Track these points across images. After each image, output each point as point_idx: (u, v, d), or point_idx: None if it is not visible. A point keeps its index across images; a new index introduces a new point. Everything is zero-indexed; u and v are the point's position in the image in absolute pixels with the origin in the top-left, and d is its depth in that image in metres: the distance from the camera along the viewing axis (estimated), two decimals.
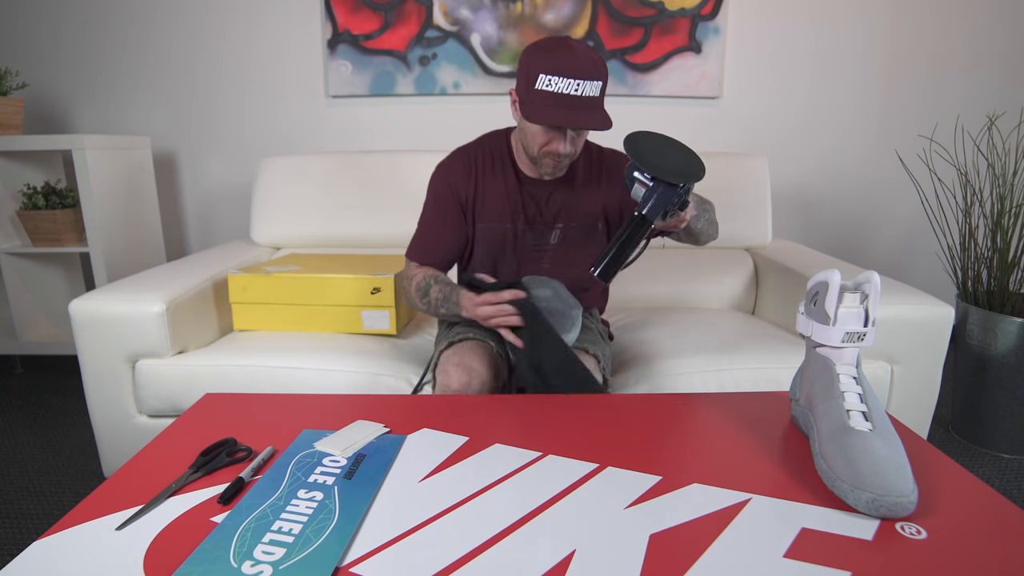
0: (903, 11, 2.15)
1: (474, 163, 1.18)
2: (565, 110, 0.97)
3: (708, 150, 2.23)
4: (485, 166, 1.18)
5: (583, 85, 0.96)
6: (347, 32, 2.15)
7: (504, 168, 1.17)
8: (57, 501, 1.41)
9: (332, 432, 0.78)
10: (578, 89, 0.96)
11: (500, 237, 1.19)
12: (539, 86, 0.97)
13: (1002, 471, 1.56)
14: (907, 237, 2.35)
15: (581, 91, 0.96)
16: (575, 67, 0.96)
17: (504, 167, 1.17)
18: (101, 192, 1.93)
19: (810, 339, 0.76)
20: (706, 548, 0.56)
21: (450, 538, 0.58)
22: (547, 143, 1.05)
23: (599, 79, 0.98)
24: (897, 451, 0.64)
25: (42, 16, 2.22)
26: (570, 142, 1.04)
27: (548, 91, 0.97)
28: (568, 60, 0.96)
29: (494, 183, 1.17)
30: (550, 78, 0.96)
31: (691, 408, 0.87)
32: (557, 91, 0.96)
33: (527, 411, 0.86)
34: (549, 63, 0.96)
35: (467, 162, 1.18)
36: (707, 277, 1.77)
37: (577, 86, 0.95)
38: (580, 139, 1.06)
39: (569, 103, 0.97)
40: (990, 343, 1.59)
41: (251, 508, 0.61)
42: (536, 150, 1.07)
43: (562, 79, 0.95)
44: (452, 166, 1.19)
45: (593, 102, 0.98)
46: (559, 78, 0.95)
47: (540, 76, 0.97)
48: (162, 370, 1.29)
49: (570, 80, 0.95)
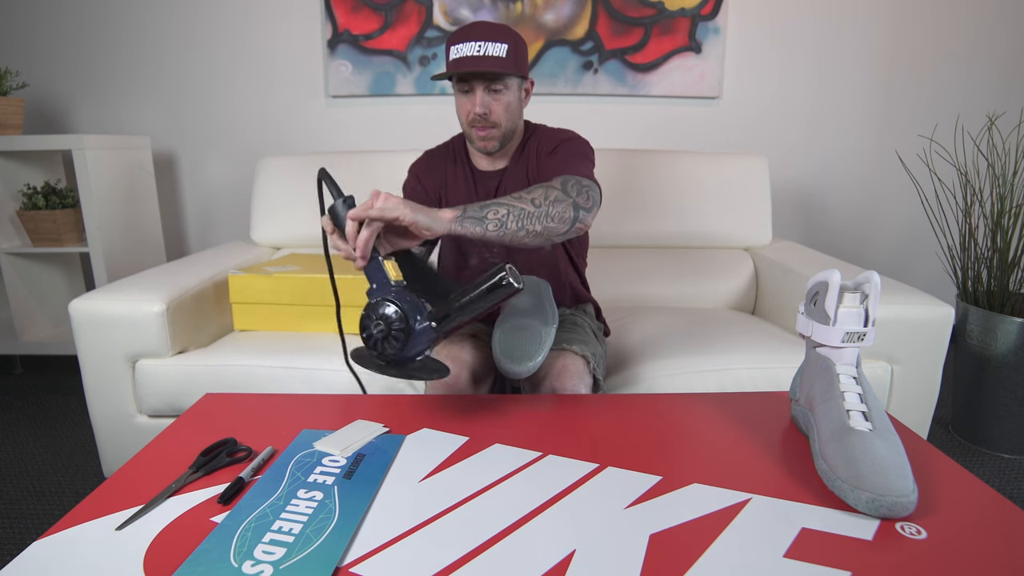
0: (903, 11, 2.15)
1: (437, 161, 1.26)
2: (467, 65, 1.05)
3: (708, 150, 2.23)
4: (447, 162, 1.25)
5: (485, 46, 1.05)
6: (347, 32, 2.15)
7: (460, 163, 1.24)
8: (57, 501, 1.41)
9: (331, 432, 0.78)
10: (480, 50, 1.05)
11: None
12: (451, 56, 1.08)
13: (1002, 471, 1.56)
14: (907, 237, 2.35)
15: (483, 51, 1.05)
16: (477, 32, 1.06)
17: (460, 162, 1.24)
18: (101, 192, 1.93)
19: (810, 339, 0.76)
20: (706, 548, 0.56)
21: (450, 538, 0.58)
22: (468, 110, 1.10)
23: (504, 42, 1.06)
24: (897, 451, 0.64)
25: (42, 16, 2.22)
26: (483, 104, 1.08)
27: (456, 57, 1.07)
28: (472, 29, 1.07)
29: (451, 179, 1.24)
30: (457, 46, 1.07)
31: (691, 408, 0.87)
32: (462, 55, 1.06)
33: (527, 411, 0.86)
34: (456, 35, 1.08)
35: (431, 161, 1.27)
36: (707, 277, 1.77)
37: (479, 47, 1.05)
38: (497, 104, 1.10)
39: (474, 62, 1.05)
40: (990, 343, 1.59)
41: (251, 508, 0.61)
42: (464, 123, 1.14)
43: (464, 43, 1.06)
44: (419, 164, 1.28)
45: (496, 61, 1.06)
46: (463, 43, 1.06)
47: (451, 48, 1.08)
48: (162, 370, 1.29)
49: (472, 43, 1.05)
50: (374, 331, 0.77)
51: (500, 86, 1.09)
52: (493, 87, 1.08)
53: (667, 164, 1.83)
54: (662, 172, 1.83)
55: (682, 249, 1.85)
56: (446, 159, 1.25)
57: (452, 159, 1.25)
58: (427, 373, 0.79)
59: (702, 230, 1.83)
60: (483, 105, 1.08)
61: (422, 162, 1.27)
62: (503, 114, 1.11)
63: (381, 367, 0.79)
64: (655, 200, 1.81)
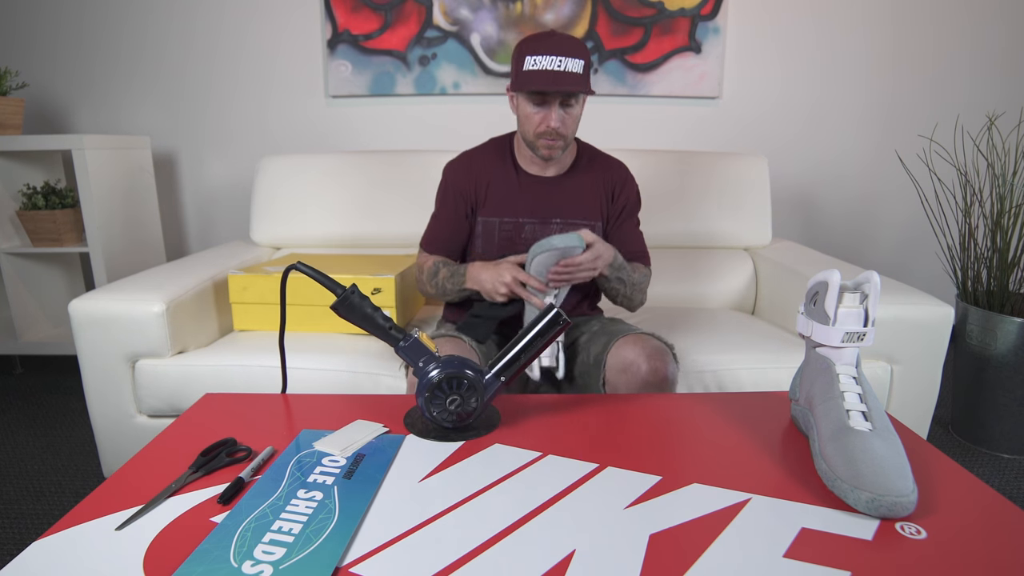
0: (903, 11, 2.15)
1: (477, 162, 1.27)
2: (550, 81, 1.08)
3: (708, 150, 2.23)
4: (487, 163, 1.26)
5: (565, 62, 1.08)
6: (347, 32, 2.15)
7: (505, 164, 1.26)
8: (57, 501, 1.41)
9: (331, 432, 0.78)
10: (560, 65, 1.07)
11: (501, 230, 1.25)
12: (526, 67, 1.10)
13: (1002, 471, 1.56)
14: (907, 237, 2.35)
15: (563, 67, 1.08)
16: (557, 46, 1.08)
17: (505, 163, 1.26)
18: (101, 192, 1.93)
19: (810, 339, 0.76)
20: (706, 548, 0.56)
21: (450, 538, 0.58)
22: (539, 122, 1.13)
23: (581, 58, 1.09)
24: (897, 451, 0.64)
25: (42, 16, 2.22)
26: (558, 119, 1.12)
27: (534, 69, 1.09)
28: (550, 40, 1.09)
29: (496, 178, 1.25)
30: (535, 58, 1.08)
31: (691, 408, 0.87)
32: (541, 68, 1.08)
33: (527, 411, 0.86)
34: (533, 45, 1.10)
35: (470, 161, 1.28)
36: (707, 277, 1.77)
37: (559, 62, 1.07)
38: (570, 119, 1.14)
39: (555, 77, 1.08)
40: (990, 343, 1.59)
41: (251, 508, 0.61)
42: (531, 132, 1.15)
43: (545, 57, 1.08)
44: (457, 164, 1.29)
45: (576, 77, 1.09)
46: (542, 56, 1.08)
47: (527, 58, 1.09)
48: (162, 370, 1.29)
49: (552, 57, 1.07)
50: (450, 406, 0.77)
51: (573, 101, 1.12)
52: (568, 102, 1.12)
53: (667, 164, 1.84)
54: (662, 172, 1.83)
55: (682, 249, 1.85)
56: (491, 158, 1.27)
57: (493, 161, 1.27)
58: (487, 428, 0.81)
59: (702, 230, 1.83)
60: (559, 120, 1.12)
61: (460, 166, 1.28)
62: (572, 126, 1.15)
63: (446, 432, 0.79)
64: (655, 200, 1.81)
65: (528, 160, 1.25)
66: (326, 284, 0.77)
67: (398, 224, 1.81)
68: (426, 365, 0.78)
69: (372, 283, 1.41)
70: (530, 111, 1.13)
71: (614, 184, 1.28)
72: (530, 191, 1.25)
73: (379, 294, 1.42)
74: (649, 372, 1.04)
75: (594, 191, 1.26)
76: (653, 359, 1.05)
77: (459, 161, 1.29)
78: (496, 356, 0.82)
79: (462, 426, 0.79)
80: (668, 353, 1.08)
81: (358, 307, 0.78)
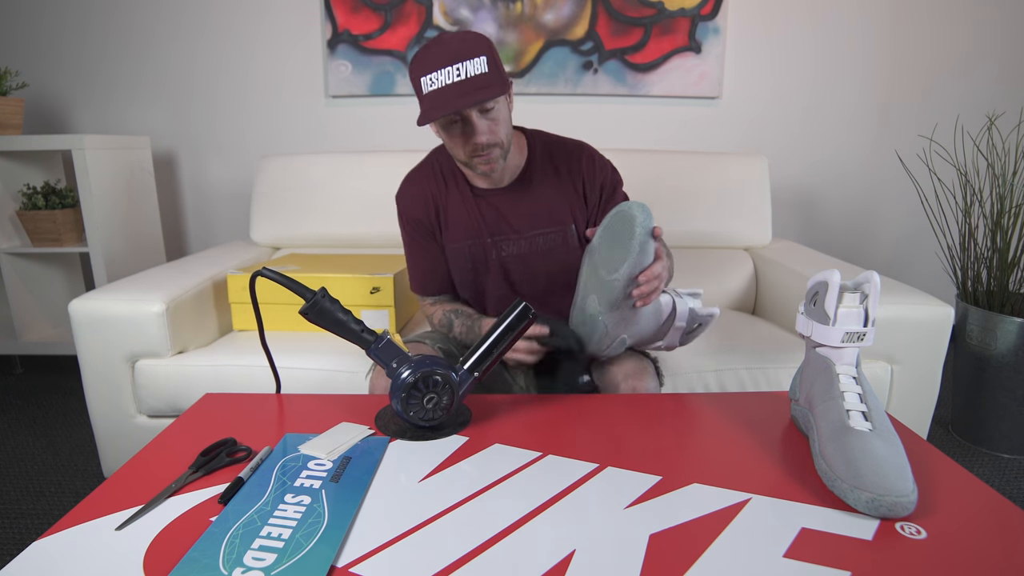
0: (903, 11, 2.15)
1: (425, 189, 1.14)
2: (455, 97, 0.92)
3: (708, 150, 2.23)
4: (439, 186, 1.13)
5: (464, 67, 0.92)
6: (347, 32, 2.15)
7: (457, 184, 1.13)
8: (57, 501, 1.41)
9: (316, 435, 0.78)
10: (459, 72, 0.92)
11: (469, 255, 1.14)
12: (425, 90, 0.94)
13: (1002, 471, 1.56)
14: (907, 237, 2.35)
15: (464, 72, 0.92)
16: (447, 54, 0.92)
17: (457, 183, 1.13)
18: (101, 192, 1.93)
19: (810, 339, 0.76)
20: (706, 548, 0.56)
21: (449, 538, 0.58)
22: (465, 143, 0.99)
23: (479, 55, 0.93)
24: (897, 451, 0.64)
25: (42, 16, 2.22)
26: (484, 130, 0.97)
27: (434, 90, 0.93)
28: (438, 51, 0.93)
29: (451, 203, 1.13)
30: (429, 76, 0.93)
31: (691, 408, 0.87)
32: (441, 85, 0.92)
33: (527, 411, 0.86)
34: (422, 63, 0.94)
35: (418, 191, 1.15)
36: (707, 277, 1.77)
37: (458, 70, 0.92)
38: (496, 124, 0.98)
39: (459, 89, 0.92)
40: (990, 343, 1.59)
41: (238, 514, 0.61)
42: (463, 156, 1.01)
43: (440, 71, 0.92)
44: (404, 197, 1.16)
45: (483, 79, 0.93)
46: (437, 71, 0.92)
47: (422, 80, 0.94)
48: (162, 370, 1.29)
49: (448, 68, 0.92)
50: (427, 404, 0.77)
51: (492, 104, 0.96)
52: (485, 107, 0.96)
53: (667, 164, 1.83)
54: (662, 172, 1.83)
55: (682, 249, 1.85)
56: (437, 180, 1.14)
57: (443, 183, 1.13)
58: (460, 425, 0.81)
59: (702, 230, 1.83)
60: (485, 132, 0.97)
61: (410, 196, 1.15)
62: (503, 130, 1.00)
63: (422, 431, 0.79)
64: (655, 200, 1.81)
65: (475, 176, 1.10)
66: (294, 289, 0.76)
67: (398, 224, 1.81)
68: (399, 366, 0.77)
69: (370, 282, 1.41)
70: (449, 134, 0.99)
71: (580, 177, 1.12)
72: (489, 208, 1.11)
73: (378, 293, 1.42)
74: (627, 391, 1.01)
75: (559, 191, 1.12)
76: (631, 378, 1.01)
77: (405, 192, 1.16)
78: (468, 352, 0.82)
79: (436, 424, 0.79)
80: (648, 370, 1.04)
81: (328, 311, 0.76)
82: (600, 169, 1.13)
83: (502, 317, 0.83)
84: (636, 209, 0.89)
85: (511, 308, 0.83)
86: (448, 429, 0.80)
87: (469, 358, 0.81)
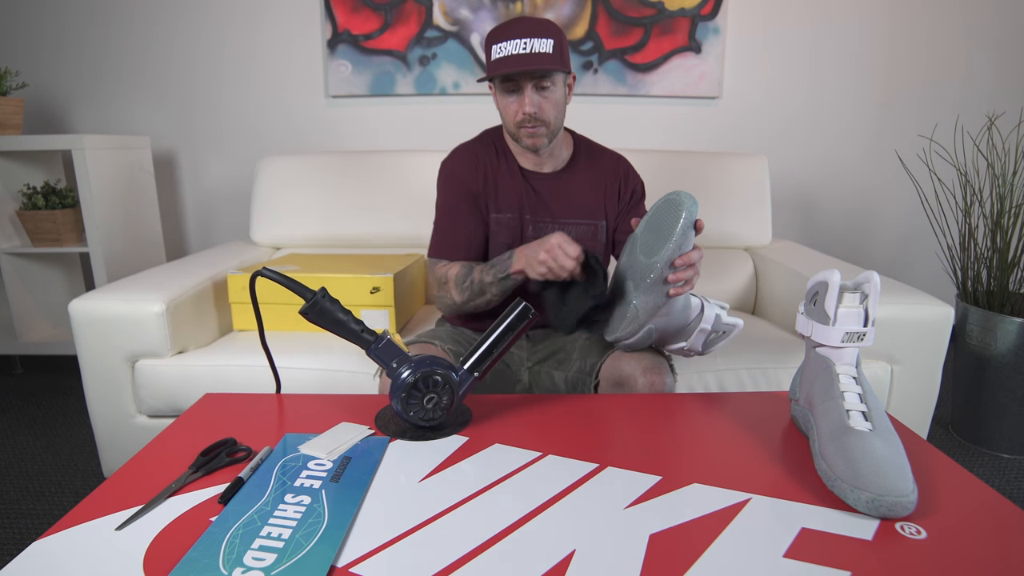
0: (903, 11, 2.15)
1: (478, 156, 1.19)
2: (515, 64, 1.04)
3: (708, 150, 2.23)
4: (489, 157, 1.19)
5: (531, 43, 1.03)
6: (347, 32, 2.15)
7: (507, 160, 1.20)
8: (57, 501, 1.41)
9: (316, 435, 0.78)
10: (526, 47, 1.03)
11: (511, 228, 1.19)
12: (493, 56, 1.06)
13: (1002, 471, 1.56)
14: (907, 237, 2.35)
15: (530, 48, 1.03)
16: (520, 29, 1.04)
17: (507, 159, 1.20)
18: (101, 192, 1.93)
19: (810, 339, 0.76)
20: (706, 548, 0.56)
21: (449, 538, 0.58)
22: (516, 110, 1.09)
23: (548, 37, 1.04)
24: (897, 451, 0.64)
25: (43, 16, 2.22)
26: (533, 103, 1.07)
27: (500, 56, 1.05)
28: (514, 25, 1.05)
29: (501, 174, 1.19)
30: (500, 45, 1.05)
31: (691, 408, 0.87)
32: (507, 54, 1.04)
33: (527, 411, 0.86)
34: (499, 33, 1.06)
35: (471, 155, 1.20)
36: (707, 277, 1.77)
37: (525, 44, 1.03)
38: (547, 103, 1.08)
39: (521, 60, 1.03)
40: (990, 343, 1.59)
41: (238, 514, 0.61)
42: (511, 122, 1.11)
43: (510, 41, 1.04)
44: (457, 159, 1.20)
45: (544, 57, 1.04)
46: (507, 41, 1.04)
47: (493, 47, 1.06)
48: (162, 370, 1.29)
49: (517, 40, 1.03)
50: (427, 404, 0.77)
51: (548, 83, 1.07)
52: (542, 84, 1.06)
53: (667, 164, 1.83)
54: (662, 172, 1.83)
55: None
56: (488, 155, 1.19)
57: (495, 156, 1.20)
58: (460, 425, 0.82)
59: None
60: (534, 104, 1.06)
61: (462, 161, 1.19)
62: (552, 111, 1.09)
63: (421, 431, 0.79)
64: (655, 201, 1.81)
65: (522, 155, 1.19)
66: (294, 289, 0.76)
67: (398, 224, 1.81)
68: (399, 366, 0.77)
69: (370, 282, 1.42)
70: (505, 100, 1.09)
71: (618, 179, 1.22)
72: (531, 189, 1.19)
73: (378, 293, 1.42)
74: (646, 386, 1.01)
75: (595, 189, 1.20)
76: (650, 373, 1.02)
77: (459, 155, 1.21)
78: (468, 352, 0.83)
79: (436, 424, 0.79)
80: (665, 366, 1.05)
81: (328, 311, 0.76)
82: (635, 179, 1.25)
83: (502, 317, 0.83)
84: (684, 197, 0.92)
85: (511, 308, 0.83)
86: (448, 429, 0.80)
87: (469, 358, 0.82)
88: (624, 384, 1.04)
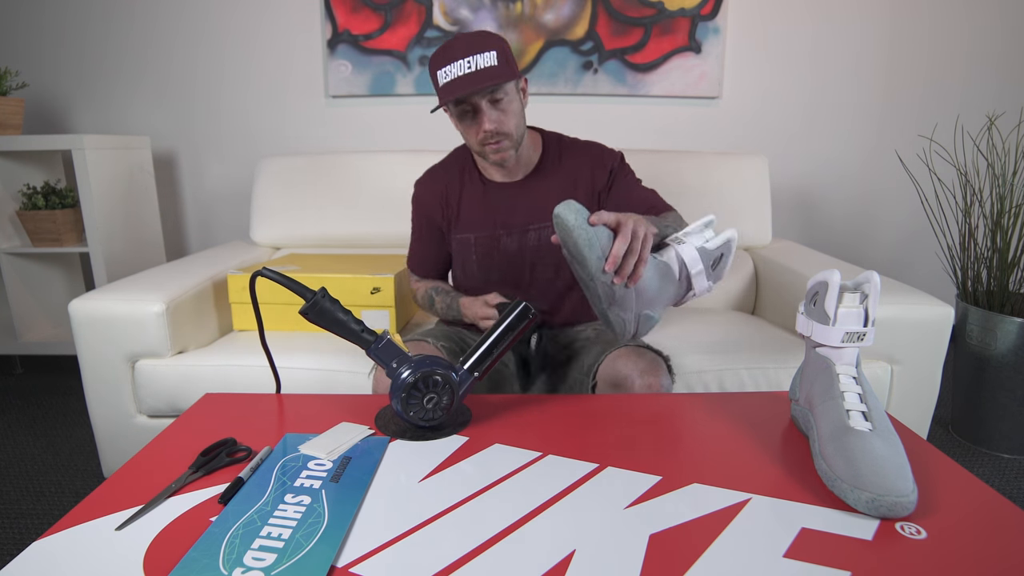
0: (903, 11, 2.15)
1: (441, 178, 1.23)
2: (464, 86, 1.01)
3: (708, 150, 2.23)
4: (453, 179, 1.22)
5: (475, 60, 1.00)
6: (347, 32, 2.15)
7: (471, 178, 1.21)
8: (57, 501, 1.41)
9: (316, 435, 0.78)
10: (471, 65, 1.00)
11: (475, 246, 1.20)
12: (440, 83, 1.04)
13: (1002, 471, 1.56)
14: (907, 237, 2.35)
15: (475, 65, 1.00)
16: (461, 48, 1.01)
17: (471, 177, 1.21)
18: (101, 192, 1.93)
19: (810, 339, 0.76)
20: (706, 548, 0.56)
21: (449, 538, 0.58)
22: (476, 131, 1.07)
23: (491, 49, 1.01)
24: (897, 451, 0.64)
25: (43, 16, 2.22)
26: (492, 120, 1.05)
27: (448, 81, 1.02)
28: (454, 45, 1.02)
29: (465, 195, 1.20)
30: (445, 69, 1.02)
31: (691, 408, 0.87)
32: (455, 76, 1.01)
33: (527, 411, 0.86)
34: (439, 57, 1.03)
35: (433, 182, 1.24)
36: None
37: (469, 63, 1.00)
38: (506, 115, 1.06)
39: (470, 80, 1.01)
40: (990, 343, 1.59)
41: (238, 514, 0.61)
42: (475, 143, 1.10)
43: (454, 64, 1.01)
44: (422, 185, 1.25)
45: (492, 71, 1.01)
46: (451, 64, 1.01)
47: (437, 73, 1.04)
48: (162, 370, 1.29)
49: (461, 61, 1.00)
50: (427, 404, 0.77)
51: (501, 95, 1.05)
52: (495, 98, 1.04)
53: (667, 164, 1.83)
54: (662, 172, 1.83)
55: None
56: (453, 175, 1.22)
57: (458, 176, 1.21)
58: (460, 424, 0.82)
59: None
60: (492, 120, 1.05)
61: (426, 187, 1.24)
62: (512, 121, 1.08)
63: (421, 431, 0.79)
64: None
65: (491, 169, 1.19)
66: (294, 289, 0.76)
67: (398, 224, 1.81)
68: (399, 366, 0.77)
69: (371, 283, 1.42)
70: (463, 123, 1.08)
71: (591, 167, 1.18)
72: (500, 201, 1.18)
73: (378, 293, 1.42)
74: (643, 388, 1.01)
75: (568, 186, 1.17)
76: (647, 374, 1.02)
77: (424, 180, 1.25)
78: (468, 352, 0.83)
79: (436, 424, 0.79)
80: (663, 366, 1.05)
81: (328, 311, 0.76)
82: (608, 156, 1.20)
83: (502, 317, 0.83)
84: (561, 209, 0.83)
85: (511, 308, 0.83)
86: (448, 429, 0.80)
87: (469, 358, 0.82)
88: (621, 385, 1.04)
